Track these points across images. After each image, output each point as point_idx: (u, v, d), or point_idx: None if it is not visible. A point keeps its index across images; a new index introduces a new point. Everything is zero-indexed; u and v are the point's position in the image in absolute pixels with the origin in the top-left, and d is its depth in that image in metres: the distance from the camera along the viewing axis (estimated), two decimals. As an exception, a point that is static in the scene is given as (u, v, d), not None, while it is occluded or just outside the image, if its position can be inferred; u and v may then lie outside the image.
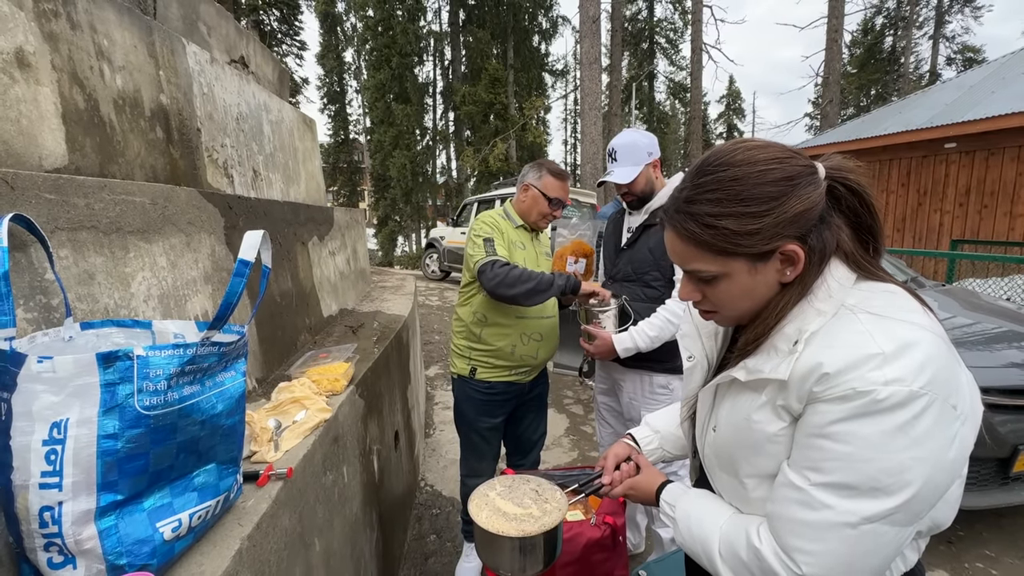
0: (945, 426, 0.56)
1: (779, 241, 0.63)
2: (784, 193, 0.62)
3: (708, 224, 0.64)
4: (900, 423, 0.55)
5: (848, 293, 0.64)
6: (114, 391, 0.66)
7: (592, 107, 12.02)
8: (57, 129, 1.22)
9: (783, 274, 0.65)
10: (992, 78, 8.14)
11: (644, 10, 23.91)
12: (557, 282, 1.63)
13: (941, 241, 7.48)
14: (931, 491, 0.58)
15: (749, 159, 0.63)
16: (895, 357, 0.56)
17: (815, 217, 0.63)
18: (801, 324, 0.64)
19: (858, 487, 0.57)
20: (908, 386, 0.55)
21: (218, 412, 0.78)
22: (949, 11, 22.40)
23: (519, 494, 0.93)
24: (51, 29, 1.23)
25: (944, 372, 0.57)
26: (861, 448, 0.56)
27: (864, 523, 0.57)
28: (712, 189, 0.64)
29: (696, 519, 0.76)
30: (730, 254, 0.64)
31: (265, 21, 14.88)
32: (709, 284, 0.68)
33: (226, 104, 2.08)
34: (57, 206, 0.86)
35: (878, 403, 0.55)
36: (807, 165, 0.64)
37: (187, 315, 1.21)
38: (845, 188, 0.65)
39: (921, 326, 0.59)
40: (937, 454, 0.56)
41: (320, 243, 2.45)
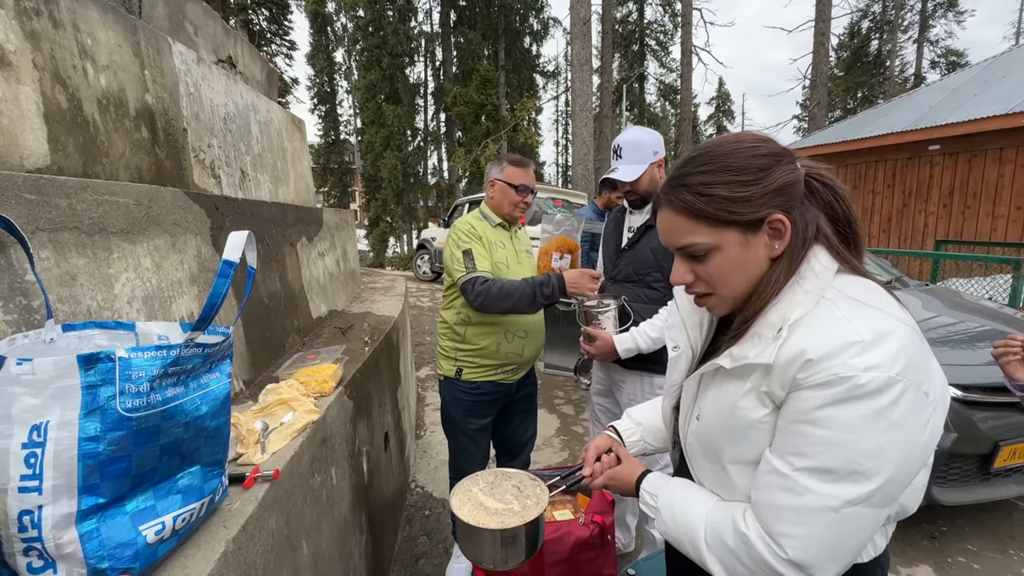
0: (919, 411, 0.59)
1: (767, 210, 0.66)
2: (770, 166, 0.66)
3: (701, 192, 0.67)
4: (879, 408, 0.57)
5: (829, 282, 0.66)
6: (95, 393, 0.65)
7: (583, 108, 12.06)
8: (39, 129, 1.20)
9: (772, 248, 0.68)
10: (975, 81, 8.29)
11: (634, 12, 24.05)
12: (542, 293, 1.63)
13: (926, 241, 7.60)
14: (905, 473, 0.61)
15: (737, 139, 0.70)
16: (874, 344, 0.58)
17: (797, 194, 0.67)
18: (784, 312, 0.66)
19: (838, 471, 0.59)
20: (886, 372, 0.57)
21: (202, 414, 0.77)
22: (933, 16, 22.78)
23: (501, 490, 0.94)
24: (32, 27, 1.21)
25: (917, 360, 0.60)
26: (841, 432, 0.59)
27: (846, 507, 0.60)
28: (705, 162, 0.68)
29: (680, 507, 0.77)
30: (723, 222, 0.67)
31: (254, 20, 14.74)
32: (701, 261, 0.70)
33: (213, 104, 2.06)
34: (38, 206, 0.85)
35: (859, 388, 0.57)
36: (787, 150, 0.69)
37: (172, 316, 1.19)
38: (819, 183, 0.69)
39: (895, 317, 0.62)
40: (912, 438, 0.59)
41: (309, 244, 2.43)
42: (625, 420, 1.06)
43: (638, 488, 0.86)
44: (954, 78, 9.37)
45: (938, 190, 7.45)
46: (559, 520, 1.49)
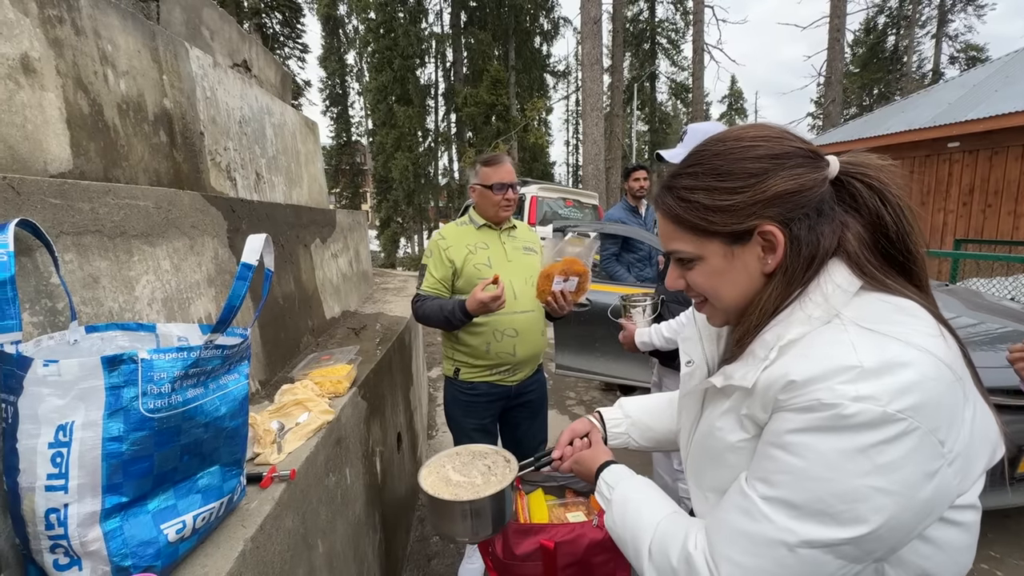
0: (922, 460, 0.49)
1: (755, 220, 0.58)
2: (766, 171, 0.58)
3: (682, 197, 0.62)
4: (864, 445, 0.49)
5: (848, 302, 0.57)
6: (119, 394, 0.66)
7: (594, 108, 12.03)
8: (62, 134, 1.23)
9: (764, 261, 0.60)
10: (996, 76, 8.11)
11: (645, 11, 23.91)
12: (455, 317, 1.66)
13: (945, 240, 7.45)
14: (892, 531, 0.50)
15: (739, 136, 0.61)
16: (875, 374, 0.50)
17: (806, 203, 0.58)
18: (783, 330, 0.58)
19: (804, 507, 0.51)
20: (883, 406, 0.48)
21: (222, 415, 0.78)
22: (952, 10, 22.32)
23: (470, 468, 0.96)
24: (56, 35, 1.24)
25: (937, 402, 0.50)
26: (814, 464, 0.51)
27: (803, 547, 0.51)
28: (695, 164, 0.63)
29: (634, 508, 0.72)
30: (703, 232, 0.61)
31: (267, 24, 14.93)
32: (689, 268, 0.65)
33: (229, 108, 2.09)
34: (62, 211, 0.87)
35: (843, 419, 0.49)
36: (805, 148, 0.60)
37: (191, 318, 1.21)
38: (863, 185, 0.59)
39: (925, 349, 0.51)
40: (906, 490, 0.49)
41: (323, 245, 2.46)
42: (614, 409, 1.01)
43: (598, 476, 0.82)
44: (974, 74, 9.18)
45: (957, 188, 7.30)
46: (572, 522, 1.49)
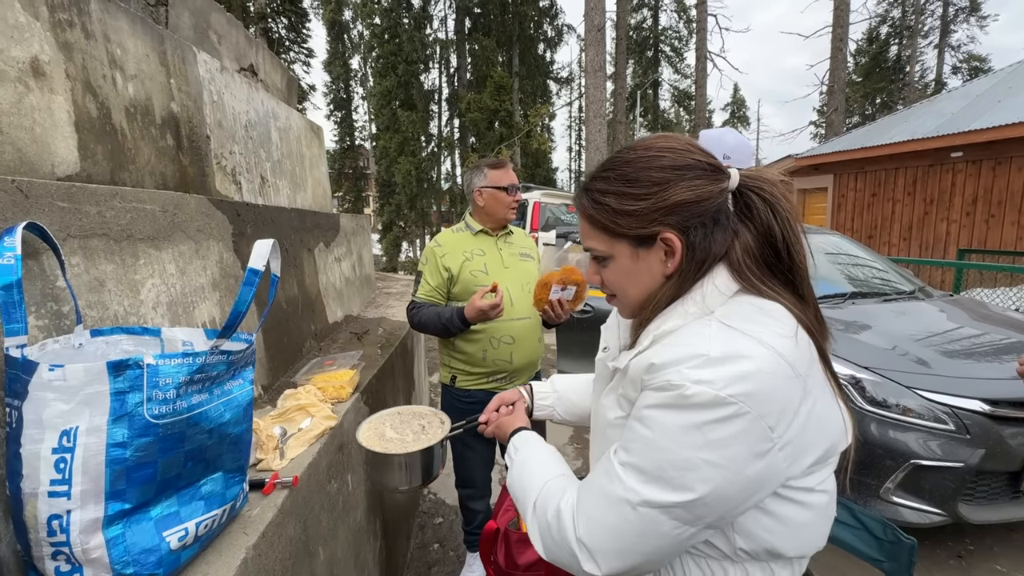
0: (751, 441, 0.55)
1: (656, 227, 0.64)
2: (668, 181, 0.63)
3: (595, 199, 0.68)
4: (698, 422, 0.55)
5: (724, 303, 0.63)
6: (124, 400, 0.66)
7: (597, 115, 12.06)
8: (70, 137, 1.23)
9: (665, 265, 0.66)
10: (999, 87, 8.12)
11: (649, 19, 24.03)
12: (453, 324, 1.65)
13: (948, 250, 7.43)
14: (719, 500, 0.56)
15: (648, 145, 0.66)
16: (717, 362, 0.56)
17: (703, 213, 0.63)
18: (663, 322, 0.65)
19: (647, 471, 0.58)
20: (716, 390, 0.55)
21: (226, 421, 0.78)
22: (954, 20, 22.40)
23: (405, 427, 1.02)
24: (66, 39, 1.24)
25: (770, 392, 0.55)
26: (660, 436, 0.58)
27: (643, 506, 0.58)
28: (609, 169, 0.68)
29: (529, 469, 0.78)
30: (613, 233, 0.67)
31: (273, 29, 15.03)
32: (603, 265, 0.71)
33: (235, 112, 2.10)
34: (69, 214, 0.87)
35: (685, 398, 0.56)
36: (709, 162, 0.65)
37: (195, 322, 1.21)
38: (759, 198, 0.65)
39: (770, 346, 0.57)
40: (734, 465, 0.55)
41: (326, 249, 2.46)
42: (545, 384, 1.09)
43: (509, 440, 0.88)
44: (977, 84, 9.19)
45: (960, 198, 7.29)
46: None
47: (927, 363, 2.23)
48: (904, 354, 2.29)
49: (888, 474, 2.03)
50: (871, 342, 2.39)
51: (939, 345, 2.41)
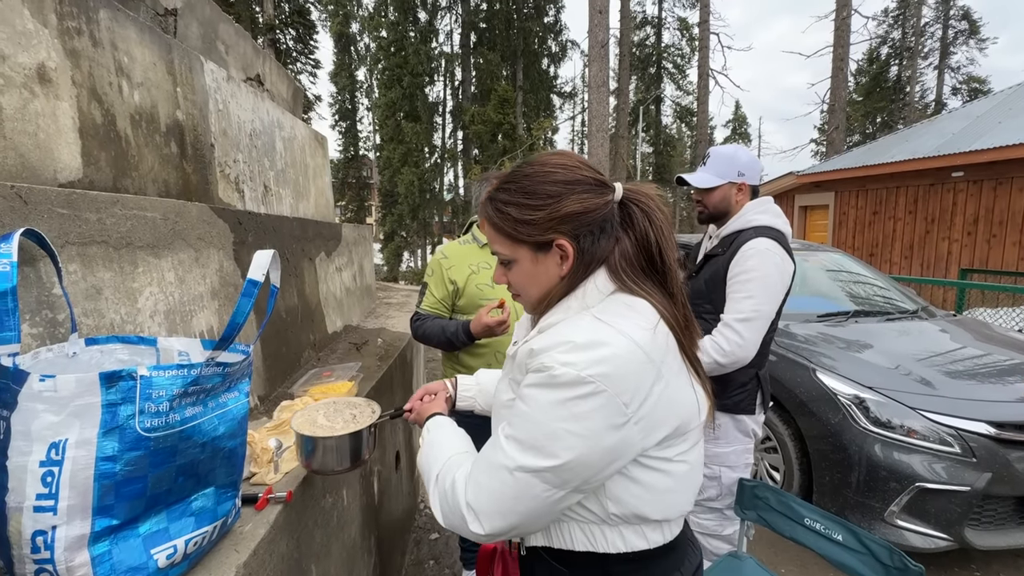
0: (608, 415, 0.64)
1: (553, 234, 0.72)
2: (561, 194, 0.71)
3: (499, 209, 0.75)
4: (563, 398, 0.64)
5: (600, 299, 0.72)
6: (115, 412, 0.64)
7: (599, 129, 12.14)
8: (73, 143, 1.23)
9: (561, 267, 0.74)
10: (999, 108, 8.18)
11: (652, 36, 24.33)
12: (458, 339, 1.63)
13: (950, 269, 7.42)
14: (583, 465, 0.65)
15: (543, 162, 0.75)
16: (581, 348, 0.65)
17: (591, 222, 0.72)
18: (550, 317, 0.74)
19: (524, 441, 0.66)
20: (578, 371, 0.63)
21: (220, 434, 0.76)
22: (954, 43, 22.67)
23: (337, 415, 1.07)
24: (73, 46, 1.25)
25: (625, 374, 0.64)
26: (534, 410, 0.66)
27: (519, 471, 0.66)
28: (509, 182, 0.75)
29: (436, 447, 0.85)
30: (515, 240, 0.75)
31: (281, 40, 15.21)
32: (508, 267, 0.78)
33: (240, 121, 2.11)
34: (69, 221, 0.86)
35: (554, 378, 0.64)
36: (595, 178, 0.73)
37: (193, 331, 1.20)
38: (638, 209, 0.73)
39: (628, 336, 0.66)
40: (593, 435, 0.64)
41: (327, 259, 2.45)
42: (470, 378, 1.16)
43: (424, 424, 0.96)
44: (977, 105, 9.26)
45: (962, 217, 7.30)
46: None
47: (931, 383, 2.20)
48: (908, 374, 2.27)
49: (892, 497, 2.00)
50: (874, 361, 2.37)
51: (943, 366, 2.38)
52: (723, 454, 1.65)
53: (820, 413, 2.25)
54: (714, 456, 1.65)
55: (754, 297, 1.51)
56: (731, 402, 1.63)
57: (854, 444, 2.11)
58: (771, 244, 1.53)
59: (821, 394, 2.27)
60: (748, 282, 1.52)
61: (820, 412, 2.25)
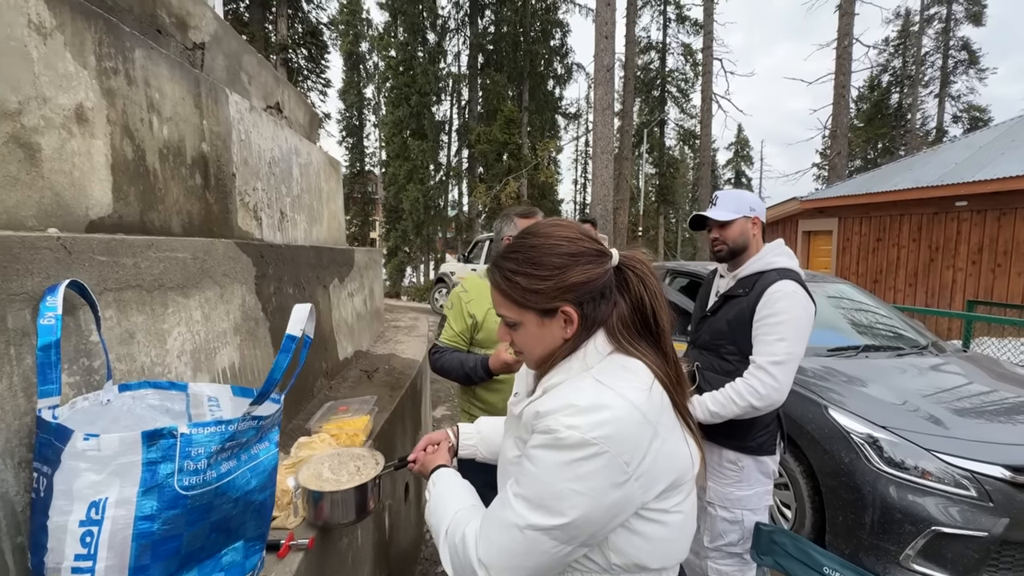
0: (610, 475, 0.67)
1: (558, 302, 0.76)
2: (566, 265, 0.76)
3: (507, 277, 0.79)
4: (569, 460, 0.67)
5: (599, 360, 0.76)
6: (155, 470, 0.65)
7: (604, 151, 12.28)
8: (105, 180, 1.25)
9: (565, 331, 0.78)
10: (1001, 139, 8.27)
11: (656, 60, 24.77)
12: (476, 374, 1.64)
13: (954, 298, 7.42)
14: (588, 522, 0.68)
15: (548, 234, 0.79)
16: (584, 411, 0.68)
17: (593, 290, 0.76)
18: (553, 377, 0.78)
19: (532, 500, 0.70)
20: (582, 434, 0.67)
21: (252, 488, 0.76)
22: (954, 72, 23.02)
23: (342, 468, 1.08)
24: (110, 85, 1.28)
25: (625, 435, 0.68)
26: (542, 471, 0.69)
27: (529, 529, 0.69)
28: (516, 251, 0.80)
29: (444, 500, 0.88)
30: (522, 305, 0.78)
31: (293, 59, 15.52)
32: (514, 329, 0.82)
33: (260, 149, 2.14)
34: (107, 267, 0.87)
35: (559, 440, 0.68)
36: (595, 249, 0.78)
37: (216, 369, 1.20)
38: (633, 274, 0.78)
39: (626, 398, 0.70)
40: (596, 494, 0.67)
41: (340, 285, 2.46)
42: (471, 426, 1.18)
43: (429, 477, 0.98)
44: (979, 135, 9.36)
45: (966, 246, 7.33)
46: None
47: (945, 423, 2.19)
48: (921, 413, 2.25)
49: (908, 540, 1.97)
50: (886, 399, 2.35)
51: (956, 405, 2.37)
52: (745, 497, 1.63)
53: (833, 451, 2.23)
54: (736, 500, 1.63)
55: (786, 340, 1.51)
56: (755, 444, 1.62)
57: (868, 484, 2.09)
58: (797, 287, 1.54)
59: (834, 432, 2.25)
60: (779, 324, 1.52)
61: (833, 450, 2.23)
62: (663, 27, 24.18)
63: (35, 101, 1.05)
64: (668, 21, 23.95)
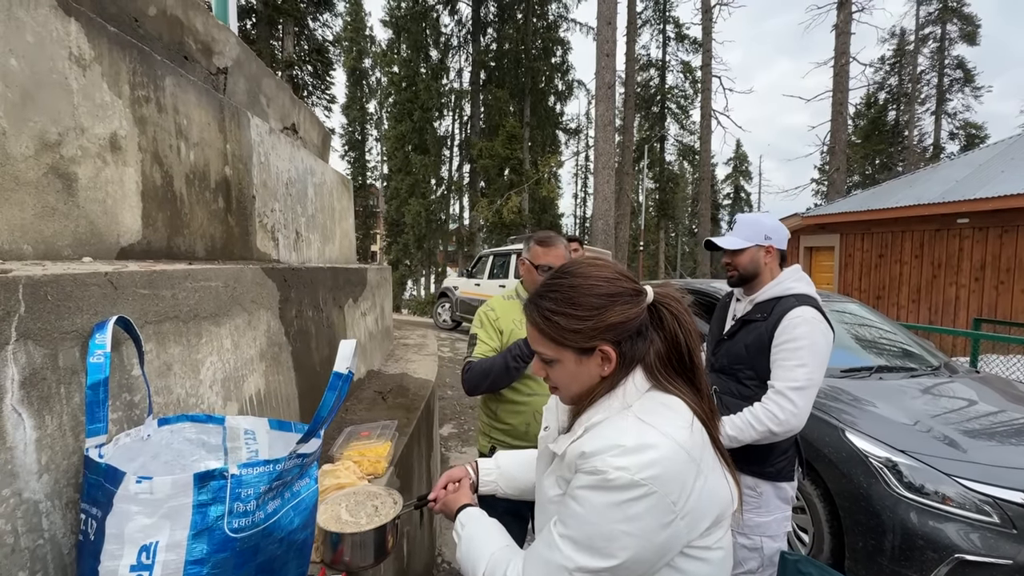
0: (659, 515, 0.67)
1: (597, 341, 0.76)
2: (604, 306, 0.76)
3: (546, 317, 0.79)
4: (619, 501, 0.67)
5: (638, 397, 0.77)
6: (205, 512, 0.64)
7: (605, 166, 12.39)
8: (135, 207, 1.26)
9: (602, 369, 0.78)
10: (1001, 157, 8.35)
11: (656, 78, 25.11)
12: (512, 356, 1.61)
13: (958, 315, 7.42)
14: (638, 563, 0.69)
15: (586, 274, 0.79)
16: (632, 452, 0.69)
17: (631, 329, 0.77)
18: (593, 414, 0.77)
19: (581, 542, 0.70)
20: (632, 475, 0.67)
21: (295, 527, 0.76)
22: (950, 90, 23.34)
23: (360, 508, 1.07)
24: (142, 114, 1.29)
25: (672, 475, 0.68)
26: (589, 512, 0.69)
27: (578, 571, 0.69)
28: (555, 290, 0.80)
29: (476, 541, 0.87)
30: (560, 344, 0.79)
31: (299, 75, 15.73)
32: (550, 365, 0.82)
33: (278, 171, 2.16)
34: (149, 300, 0.87)
35: (608, 481, 0.68)
36: (632, 288, 0.79)
37: (243, 397, 1.20)
38: (668, 312, 0.79)
39: (671, 437, 0.70)
40: (646, 535, 0.67)
41: (354, 305, 2.47)
42: (490, 461, 1.17)
43: (456, 517, 0.97)
44: (979, 153, 9.46)
45: (969, 263, 7.35)
46: None
47: (963, 447, 2.17)
48: (939, 436, 2.24)
49: (931, 567, 1.94)
50: (904, 422, 2.34)
51: (973, 428, 2.36)
52: (765, 524, 1.61)
53: (851, 475, 2.21)
54: (756, 526, 1.61)
55: (807, 366, 1.51)
56: (774, 470, 1.61)
57: (887, 509, 2.07)
58: (816, 314, 1.55)
59: (852, 455, 2.23)
60: (799, 350, 1.52)
61: (851, 474, 2.21)
62: (663, 45, 24.56)
63: (73, 132, 1.06)
64: (667, 39, 24.33)
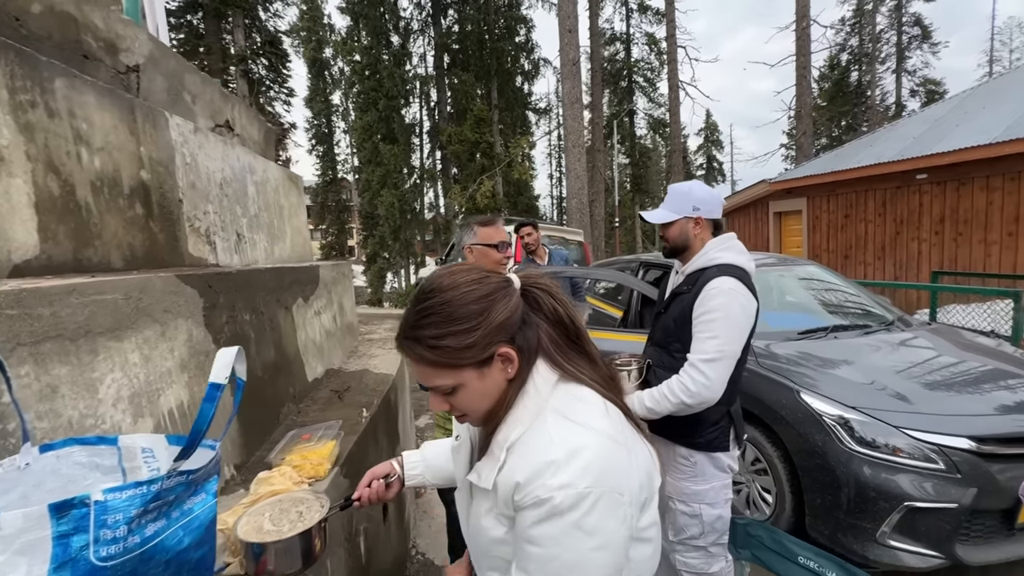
0: (613, 512, 0.65)
1: (493, 347, 0.72)
2: (486, 308, 0.72)
3: (432, 346, 0.72)
4: (574, 521, 0.63)
5: (551, 393, 0.73)
6: (67, 544, 0.60)
7: (575, 144, 12.32)
8: (29, 220, 1.19)
9: (506, 372, 0.74)
10: (955, 112, 8.52)
11: (622, 51, 24.90)
12: None
13: (921, 269, 7.63)
14: (614, 570, 0.66)
15: (453, 284, 0.74)
16: (565, 464, 0.65)
17: (517, 321, 0.74)
18: (509, 431, 0.72)
19: None
20: (576, 488, 0.63)
21: (184, 547, 0.72)
22: (908, 47, 23.68)
23: (283, 516, 1.03)
24: (27, 120, 1.21)
25: (609, 466, 0.66)
26: (549, 547, 0.64)
27: None
28: (429, 314, 0.73)
29: None
30: (458, 367, 0.73)
31: (254, 70, 15.17)
32: (452, 395, 0.75)
33: (209, 171, 2.07)
34: (19, 321, 0.82)
35: (556, 507, 0.63)
36: (501, 280, 0.76)
37: (161, 411, 1.15)
38: (539, 290, 0.77)
39: (594, 428, 0.69)
40: (610, 539, 0.65)
41: (305, 304, 2.40)
42: (415, 453, 1.15)
43: None
44: (935, 109, 9.63)
45: (929, 218, 7.54)
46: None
47: (911, 399, 2.23)
48: (888, 391, 2.30)
49: (883, 517, 2.00)
50: (855, 379, 2.39)
51: (922, 379, 2.42)
52: (702, 491, 1.63)
53: (807, 434, 2.26)
54: (693, 494, 1.64)
55: (718, 337, 1.51)
56: (704, 440, 1.62)
57: (841, 465, 2.12)
58: (734, 283, 1.54)
59: (807, 415, 2.28)
60: (712, 322, 1.52)
61: (807, 433, 2.26)
62: (626, 18, 24.30)
63: (-63, 144, 0.98)
64: (631, 11, 24.07)
